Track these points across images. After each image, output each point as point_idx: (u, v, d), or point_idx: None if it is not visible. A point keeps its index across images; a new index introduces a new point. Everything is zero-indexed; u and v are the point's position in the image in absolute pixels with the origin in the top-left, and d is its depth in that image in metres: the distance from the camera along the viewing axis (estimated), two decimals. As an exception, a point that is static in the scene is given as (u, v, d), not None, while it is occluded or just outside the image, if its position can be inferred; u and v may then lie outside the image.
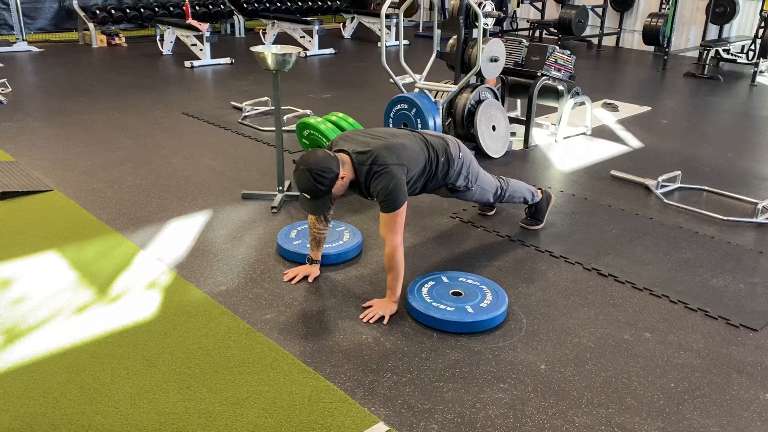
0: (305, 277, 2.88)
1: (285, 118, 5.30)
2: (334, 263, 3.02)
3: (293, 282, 2.85)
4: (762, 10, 7.62)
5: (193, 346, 2.39)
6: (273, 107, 5.31)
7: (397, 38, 9.55)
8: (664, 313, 2.68)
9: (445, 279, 2.79)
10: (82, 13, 9.07)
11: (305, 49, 8.85)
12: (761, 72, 7.69)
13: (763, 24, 7.57)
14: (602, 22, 9.75)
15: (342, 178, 2.50)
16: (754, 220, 3.57)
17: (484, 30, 4.49)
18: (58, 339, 2.42)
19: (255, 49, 3.44)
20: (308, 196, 2.48)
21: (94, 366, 2.27)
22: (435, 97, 4.56)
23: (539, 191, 3.42)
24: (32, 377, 2.21)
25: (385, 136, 2.67)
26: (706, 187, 4.07)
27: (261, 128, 5.21)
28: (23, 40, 8.58)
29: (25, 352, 2.34)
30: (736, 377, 2.28)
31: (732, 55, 8.22)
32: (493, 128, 4.61)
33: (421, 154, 2.70)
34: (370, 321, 2.55)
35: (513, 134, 4.99)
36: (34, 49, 8.59)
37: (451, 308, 2.55)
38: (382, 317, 2.57)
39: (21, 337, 2.43)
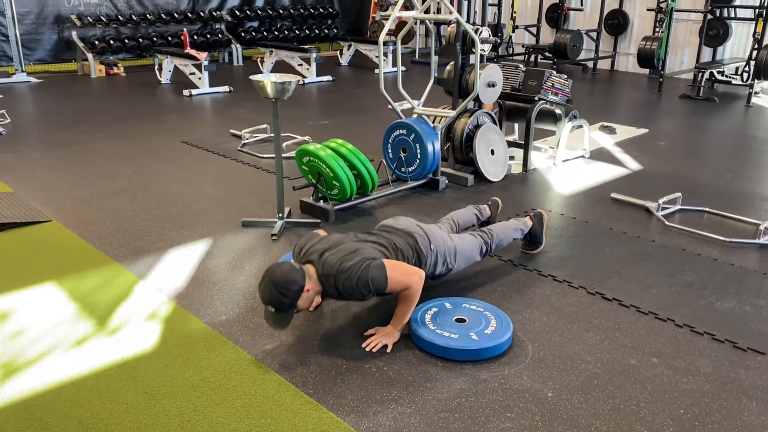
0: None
1: (284, 145, 5.31)
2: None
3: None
4: (755, 32, 7.70)
5: (193, 378, 2.36)
6: (272, 134, 5.31)
7: (394, 65, 9.64)
8: (670, 337, 2.65)
9: (448, 305, 2.76)
10: (80, 44, 9.14)
11: (303, 76, 8.91)
12: (756, 93, 7.74)
13: (756, 46, 7.65)
14: (597, 46, 9.85)
15: (307, 290, 2.45)
16: (756, 241, 3.56)
17: (481, 55, 4.53)
18: (56, 373, 2.38)
19: (254, 77, 3.45)
20: (272, 309, 2.42)
21: (93, 400, 2.23)
22: (433, 123, 4.57)
23: (528, 219, 3.38)
24: (30, 412, 2.17)
25: (348, 245, 2.60)
26: (706, 209, 4.06)
27: (260, 155, 5.21)
28: (22, 71, 8.62)
29: (23, 387, 2.30)
30: (746, 402, 2.25)
31: (726, 76, 8.29)
32: (492, 152, 4.62)
33: (385, 256, 2.63)
34: (373, 350, 2.52)
35: (512, 158, 5.00)
36: (33, 80, 8.64)
37: (455, 335, 2.52)
38: (385, 346, 2.53)
39: (19, 372, 2.39)
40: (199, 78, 8.04)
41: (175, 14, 10.16)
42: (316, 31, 11.55)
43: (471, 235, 3.06)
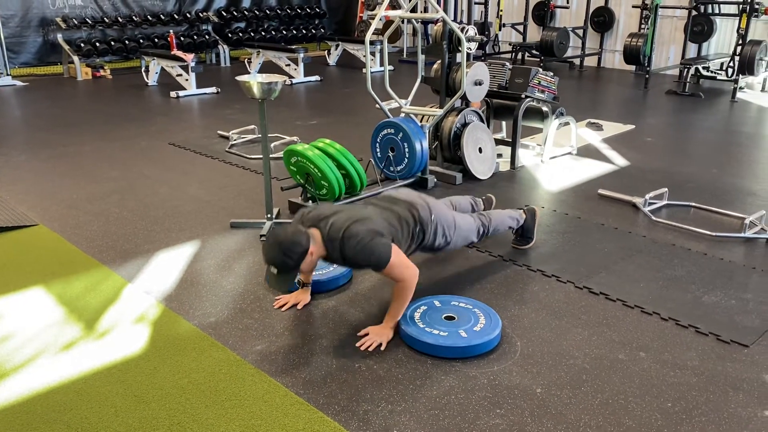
0: (296, 305, 2.85)
1: (272, 145, 5.29)
2: (324, 290, 2.99)
3: (283, 309, 2.83)
4: (739, 27, 7.76)
5: (183, 380, 2.35)
6: (260, 135, 5.31)
7: (381, 64, 9.63)
8: (657, 331, 2.67)
9: (437, 303, 2.77)
10: (66, 47, 9.07)
11: (291, 77, 8.89)
12: (741, 88, 7.81)
13: (740, 41, 7.71)
14: (583, 43, 9.89)
15: (311, 254, 2.48)
16: (742, 235, 3.59)
17: (468, 54, 4.54)
18: (44, 377, 2.37)
19: (241, 78, 3.44)
20: (275, 271, 2.45)
21: (81, 404, 2.22)
22: (421, 121, 4.58)
23: (522, 213, 3.42)
24: (18, 418, 2.15)
25: (355, 210, 2.65)
26: (693, 204, 4.10)
27: (248, 156, 5.20)
28: (7, 74, 8.56)
29: (10, 392, 2.28)
30: (733, 395, 2.27)
31: (711, 72, 8.35)
32: (480, 150, 4.63)
33: (391, 228, 2.65)
34: (369, 349, 2.52)
35: (500, 156, 5.01)
36: (19, 83, 8.57)
37: (445, 333, 2.53)
38: (380, 345, 2.54)
39: (6, 377, 2.37)
40: (186, 79, 8.01)
41: (161, 16, 10.11)
42: (304, 31, 11.53)
43: (470, 216, 3.14)
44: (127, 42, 9.64)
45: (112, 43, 9.53)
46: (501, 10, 10.39)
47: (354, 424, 2.12)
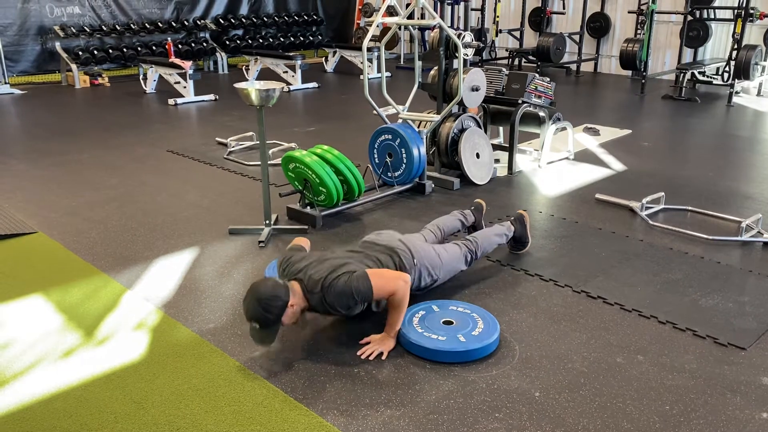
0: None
1: (270, 152, 5.31)
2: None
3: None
4: (734, 32, 7.81)
5: (182, 386, 2.36)
6: (258, 142, 5.32)
7: (379, 71, 9.67)
8: (655, 334, 2.68)
9: (435, 308, 2.78)
10: (64, 55, 9.10)
11: (288, 83, 8.92)
12: (737, 93, 7.85)
13: (735, 46, 7.75)
14: (580, 49, 9.94)
15: (292, 306, 2.47)
16: (738, 238, 3.61)
17: (465, 60, 4.56)
18: (44, 384, 2.37)
19: (239, 85, 3.46)
20: (257, 326, 2.43)
21: (80, 411, 2.22)
22: (419, 127, 4.60)
23: (510, 225, 3.40)
24: (18, 425, 2.16)
25: (334, 260, 2.62)
26: (689, 208, 4.12)
27: (246, 163, 5.21)
28: (5, 82, 8.57)
29: (10, 399, 2.29)
30: (731, 397, 2.28)
31: (707, 77, 8.40)
32: (477, 156, 4.65)
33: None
34: (370, 357, 2.52)
35: (497, 161, 5.03)
36: (17, 91, 8.59)
37: (443, 338, 2.54)
38: (381, 353, 2.54)
39: (6, 384, 2.37)
40: (184, 87, 8.03)
41: (159, 23, 10.15)
42: (301, 38, 11.57)
43: (455, 245, 3.08)
44: (125, 50, 9.67)
45: (110, 51, 9.56)
46: (497, 16, 10.44)
47: (353, 428, 2.12)
